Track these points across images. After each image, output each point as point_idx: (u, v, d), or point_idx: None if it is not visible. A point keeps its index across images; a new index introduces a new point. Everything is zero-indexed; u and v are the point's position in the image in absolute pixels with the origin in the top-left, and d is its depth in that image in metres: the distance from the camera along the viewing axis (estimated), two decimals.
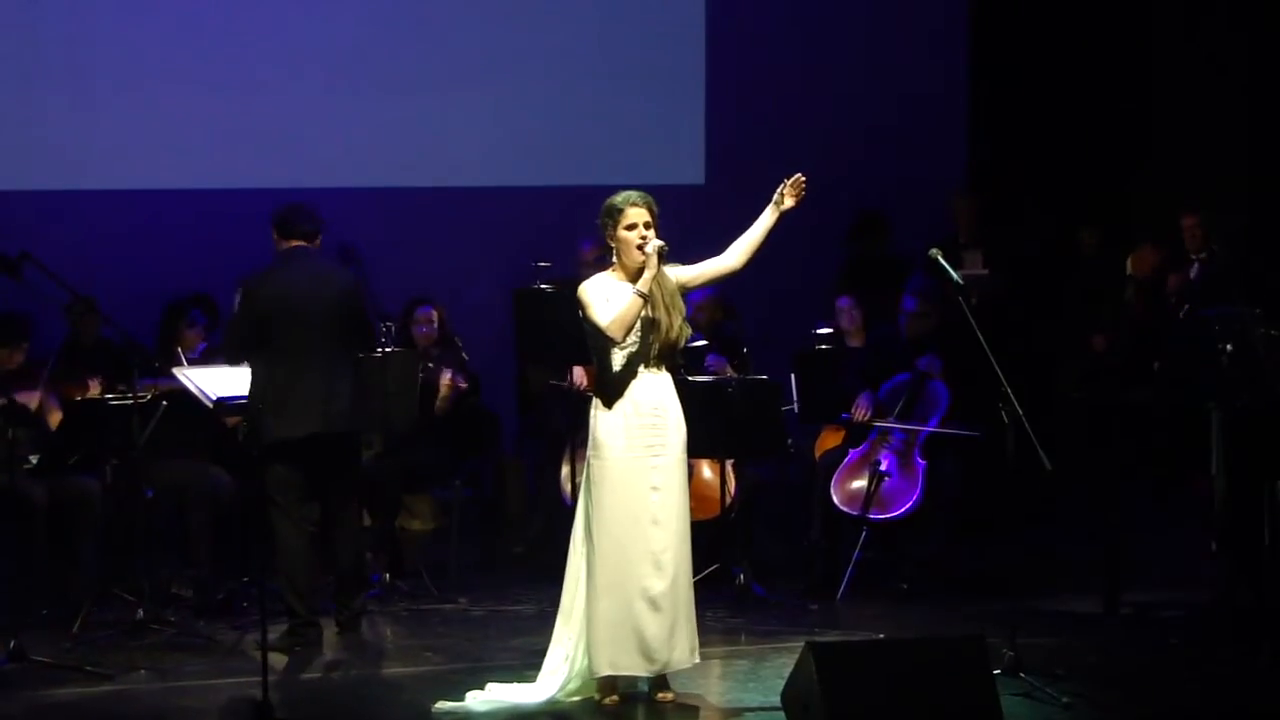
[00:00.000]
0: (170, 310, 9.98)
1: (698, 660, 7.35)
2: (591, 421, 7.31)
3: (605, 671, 7.22)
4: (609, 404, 7.25)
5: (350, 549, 8.60)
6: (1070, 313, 11.50)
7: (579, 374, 9.88)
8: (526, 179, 12.01)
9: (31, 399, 9.08)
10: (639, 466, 7.22)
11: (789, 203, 7.37)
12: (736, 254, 7.39)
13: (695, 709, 7.28)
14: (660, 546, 7.18)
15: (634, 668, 7.22)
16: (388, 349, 9.07)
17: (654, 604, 7.17)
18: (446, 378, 9.85)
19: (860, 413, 9.53)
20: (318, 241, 8.66)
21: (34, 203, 11.17)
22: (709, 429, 8.78)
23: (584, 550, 7.28)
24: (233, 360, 8.65)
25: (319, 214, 8.70)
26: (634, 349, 7.24)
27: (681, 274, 7.38)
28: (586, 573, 7.25)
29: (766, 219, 7.38)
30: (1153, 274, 11.19)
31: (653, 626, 7.17)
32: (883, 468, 9.36)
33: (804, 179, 7.39)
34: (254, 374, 8.41)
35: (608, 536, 7.19)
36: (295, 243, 8.59)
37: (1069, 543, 10.24)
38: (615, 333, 7.19)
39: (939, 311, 9.63)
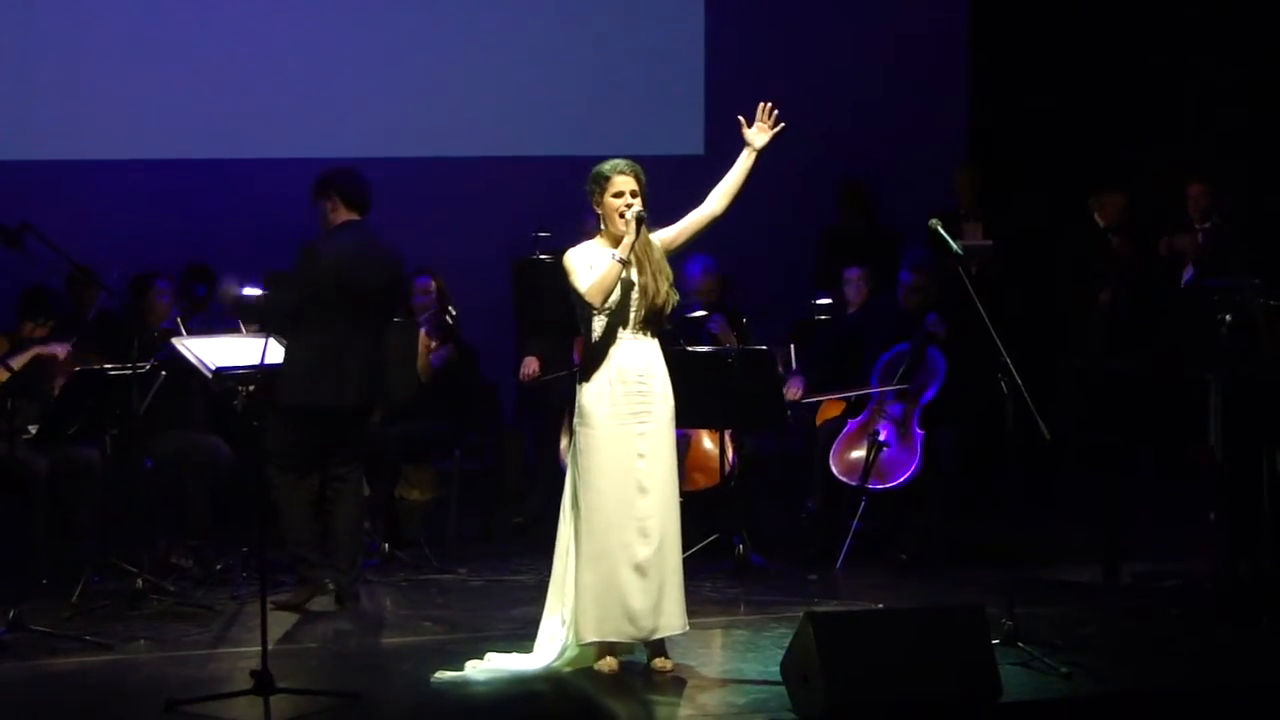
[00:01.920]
0: (135, 281, 9.87)
1: (688, 628, 7.33)
2: (577, 389, 7.29)
3: (590, 638, 7.21)
4: (593, 370, 7.22)
5: (351, 514, 8.60)
6: (1066, 279, 11.47)
7: (533, 364, 10.02)
8: (526, 149, 11.99)
9: (61, 350, 9.05)
10: (625, 434, 7.18)
11: (762, 139, 7.32)
12: (716, 199, 7.32)
13: (693, 679, 7.26)
14: (645, 514, 7.16)
15: (619, 633, 7.20)
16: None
17: (640, 570, 7.15)
18: (422, 333, 9.82)
19: (791, 392, 9.57)
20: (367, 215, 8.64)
21: (32, 173, 11.16)
22: (708, 399, 8.79)
23: (573, 518, 7.28)
24: (283, 324, 8.35)
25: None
26: (616, 315, 7.20)
27: (665, 234, 7.33)
28: (575, 541, 7.25)
29: (743, 160, 7.33)
30: (1120, 218, 11.19)
31: (638, 593, 7.15)
32: (881, 438, 9.35)
33: (771, 106, 7.33)
34: (295, 339, 8.35)
35: (594, 505, 7.18)
36: (353, 215, 8.56)
37: (1068, 513, 10.25)
38: (593, 299, 7.16)
39: (935, 283, 9.61)
